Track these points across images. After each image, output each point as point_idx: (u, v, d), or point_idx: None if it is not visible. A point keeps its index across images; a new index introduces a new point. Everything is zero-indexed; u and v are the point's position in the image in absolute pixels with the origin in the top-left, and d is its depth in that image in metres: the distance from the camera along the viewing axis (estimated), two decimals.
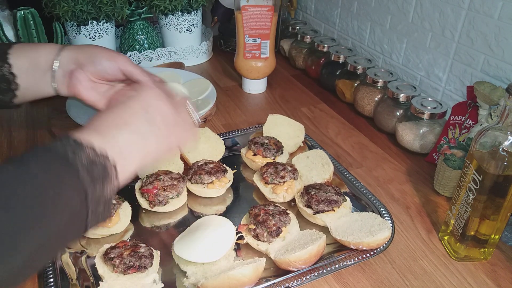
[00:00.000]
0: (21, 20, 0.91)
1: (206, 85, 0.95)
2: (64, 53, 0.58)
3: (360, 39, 1.07)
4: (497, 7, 0.72)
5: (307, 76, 1.12)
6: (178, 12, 1.07)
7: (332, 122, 0.91)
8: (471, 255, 0.58)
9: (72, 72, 0.58)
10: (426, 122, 0.78)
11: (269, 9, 0.92)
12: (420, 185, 0.73)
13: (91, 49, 0.59)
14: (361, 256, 0.57)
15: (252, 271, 0.51)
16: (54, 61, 0.58)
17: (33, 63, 0.58)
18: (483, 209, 0.54)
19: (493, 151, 0.52)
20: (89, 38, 1.01)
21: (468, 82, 0.80)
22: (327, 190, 0.63)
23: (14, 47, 0.58)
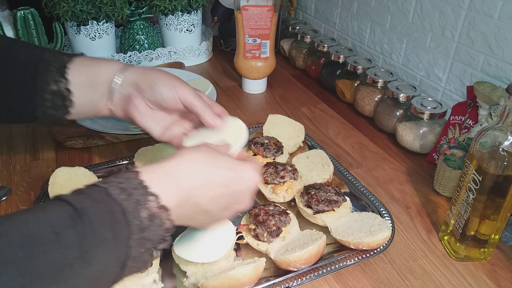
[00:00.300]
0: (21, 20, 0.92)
1: (206, 85, 0.95)
2: (125, 75, 0.54)
3: (360, 39, 1.07)
4: (497, 7, 0.72)
5: (307, 76, 1.12)
6: (178, 12, 1.07)
7: (332, 122, 0.91)
8: (471, 255, 0.58)
9: (130, 97, 0.55)
10: (426, 122, 0.78)
11: (269, 9, 0.92)
12: (420, 185, 0.73)
13: (152, 74, 0.55)
14: (361, 256, 0.57)
15: (252, 271, 0.51)
16: (113, 82, 0.54)
17: (92, 82, 0.54)
18: (483, 209, 0.54)
19: (493, 151, 0.52)
20: (89, 38, 1.01)
21: (468, 82, 0.80)
22: (327, 190, 0.63)
23: (74, 61, 0.54)
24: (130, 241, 0.37)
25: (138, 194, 0.38)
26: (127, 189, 0.38)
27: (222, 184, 0.45)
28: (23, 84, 0.53)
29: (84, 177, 0.66)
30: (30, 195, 0.67)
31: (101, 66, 0.55)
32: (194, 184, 0.43)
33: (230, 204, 0.46)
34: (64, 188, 0.63)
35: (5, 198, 0.66)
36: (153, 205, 0.38)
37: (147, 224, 0.38)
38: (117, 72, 0.54)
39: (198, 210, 0.44)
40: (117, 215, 0.36)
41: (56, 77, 0.53)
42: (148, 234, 0.38)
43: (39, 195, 0.66)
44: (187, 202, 0.42)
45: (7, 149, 0.78)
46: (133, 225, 0.37)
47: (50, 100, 0.54)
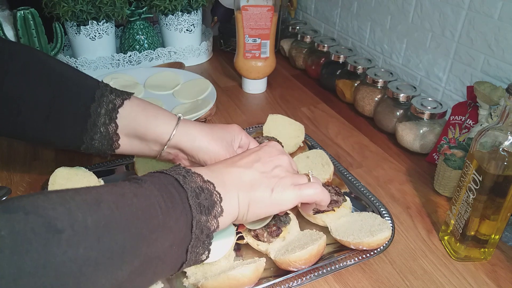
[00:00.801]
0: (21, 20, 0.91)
1: (206, 85, 0.95)
2: (171, 140, 0.55)
3: (360, 39, 1.07)
4: (497, 7, 0.72)
5: (307, 76, 1.12)
6: (178, 12, 1.07)
7: (332, 122, 0.91)
8: (471, 255, 0.58)
9: (175, 158, 0.59)
10: (426, 122, 0.78)
11: (269, 9, 0.92)
12: (420, 185, 0.73)
13: (198, 140, 0.55)
14: (361, 256, 0.57)
15: (252, 271, 0.50)
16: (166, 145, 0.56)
17: (139, 136, 0.56)
18: (483, 209, 0.54)
19: (493, 151, 0.52)
20: (89, 38, 1.01)
21: (468, 82, 0.80)
22: (327, 190, 0.63)
23: (125, 105, 0.55)
24: (190, 201, 0.40)
25: (183, 172, 0.43)
26: (174, 169, 0.44)
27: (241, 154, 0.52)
28: (73, 121, 0.54)
29: (84, 177, 0.66)
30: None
31: (151, 123, 0.55)
32: (221, 165, 0.49)
33: (266, 164, 0.49)
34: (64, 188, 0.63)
35: (5, 198, 0.66)
36: (198, 180, 0.43)
37: (198, 191, 0.42)
38: (165, 136, 0.55)
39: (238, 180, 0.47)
40: (172, 181, 0.41)
41: (107, 120, 0.54)
42: (202, 201, 0.42)
43: None
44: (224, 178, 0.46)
45: (7, 149, 0.78)
46: (188, 189, 0.41)
47: (98, 140, 0.55)
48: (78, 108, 0.54)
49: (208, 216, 0.42)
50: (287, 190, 0.49)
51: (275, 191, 0.48)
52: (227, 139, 0.57)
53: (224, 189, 0.45)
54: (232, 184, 0.46)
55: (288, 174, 0.50)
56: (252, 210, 0.47)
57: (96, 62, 1.04)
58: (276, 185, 0.48)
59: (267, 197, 0.48)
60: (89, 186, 0.37)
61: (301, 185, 0.50)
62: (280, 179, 0.49)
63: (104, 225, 0.33)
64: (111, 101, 0.54)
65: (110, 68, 1.06)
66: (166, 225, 0.38)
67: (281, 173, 0.50)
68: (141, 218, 0.36)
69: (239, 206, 0.46)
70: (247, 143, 0.60)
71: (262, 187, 0.48)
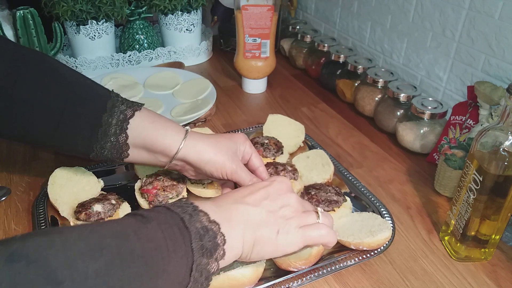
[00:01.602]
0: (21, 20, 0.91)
1: (206, 85, 0.95)
2: (179, 153, 0.56)
3: (360, 39, 1.07)
4: (498, 6, 0.72)
5: (307, 76, 1.12)
6: (178, 12, 1.07)
7: (332, 122, 0.91)
8: (472, 256, 0.58)
9: (181, 169, 0.60)
10: (426, 122, 0.78)
11: (269, 9, 0.92)
12: (421, 185, 0.73)
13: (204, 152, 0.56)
14: (362, 256, 0.57)
15: (252, 272, 0.50)
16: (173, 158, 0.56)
17: (148, 148, 0.56)
18: (483, 209, 0.54)
19: (493, 151, 0.51)
20: (89, 38, 1.01)
21: (469, 82, 0.80)
22: (328, 190, 0.63)
23: (136, 116, 0.55)
24: (192, 245, 0.40)
25: (190, 210, 0.43)
26: (181, 206, 0.43)
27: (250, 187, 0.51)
28: (83, 129, 0.54)
29: (83, 177, 0.66)
30: (30, 195, 0.67)
31: (160, 136, 0.56)
32: (229, 200, 0.49)
33: (274, 202, 0.49)
34: (63, 188, 0.63)
35: (4, 198, 0.66)
36: (204, 219, 0.43)
37: (202, 233, 0.42)
38: (173, 149, 0.56)
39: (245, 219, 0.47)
40: (178, 221, 0.41)
41: (117, 130, 0.54)
42: (205, 243, 0.41)
43: (38, 195, 0.65)
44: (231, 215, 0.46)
45: (7, 149, 0.78)
46: (192, 231, 0.41)
47: (108, 149, 0.55)
48: (90, 117, 0.54)
49: (209, 259, 0.42)
50: (292, 233, 0.48)
51: (281, 232, 0.48)
52: (232, 149, 0.58)
53: (230, 228, 0.45)
54: (238, 222, 0.46)
55: (295, 214, 0.50)
56: (257, 250, 0.47)
57: (96, 62, 1.04)
58: (282, 227, 0.48)
59: (273, 239, 0.47)
60: (94, 226, 0.38)
61: (306, 227, 0.49)
62: (286, 220, 0.48)
63: (105, 273, 0.34)
64: (122, 112, 0.55)
65: (109, 67, 1.06)
66: (166, 271, 0.38)
67: (288, 213, 0.49)
68: (142, 264, 0.37)
69: (244, 245, 0.46)
70: (250, 154, 0.61)
71: (268, 227, 0.47)
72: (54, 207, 0.61)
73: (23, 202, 0.66)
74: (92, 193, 0.64)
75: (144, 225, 0.39)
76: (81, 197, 0.62)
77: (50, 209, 0.62)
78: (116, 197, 0.62)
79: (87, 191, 0.64)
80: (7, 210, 0.64)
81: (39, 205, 0.63)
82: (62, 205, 0.61)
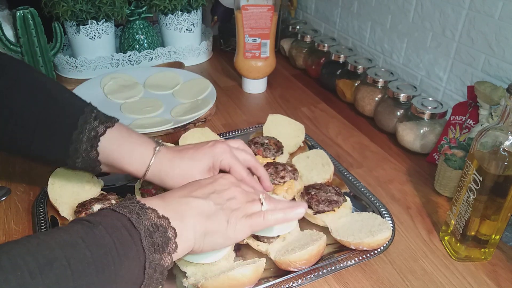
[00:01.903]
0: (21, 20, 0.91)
1: (206, 85, 0.95)
2: (148, 173, 0.57)
3: (360, 39, 1.07)
4: (498, 6, 0.72)
5: (307, 76, 1.12)
6: (178, 12, 1.07)
7: (332, 122, 0.91)
8: (472, 256, 0.58)
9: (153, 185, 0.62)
10: (426, 122, 0.78)
11: (269, 9, 0.92)
12: (421, 185, 0.73)
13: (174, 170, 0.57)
14: (362, 256, 0.57)
15: (252, 272, 0.50)
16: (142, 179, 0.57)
17: (118, 168, 0.57)
18: (483, 209, 0.54)
19: (493, 151, 0.51)
20: (89, 38, 1.01)
21: (469, 82, 0.80)
22: (327, 190, 0.63)
23: (107, 134, 0.55)
24: (143, 243, 0.40)
25: (137, 209, 0.43)
26: (127, 206, 0.43)
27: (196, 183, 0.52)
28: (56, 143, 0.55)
29: (83, 177, 0.66)
30: (30, 195, 0.67)
31: (125, 160, 0.56)
32: (177, 195, 0.49)
33: (220, 195, 0.50)
34: (63, 188, 0.63)
35: (4, 198, 0.66)
36: (152, 216, 0.43)
37: (152, 230, 0.42)
38: (139, 173, 0.57)
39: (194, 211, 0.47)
40: (125, 222, 0.41)
41: (88, 147, 0.55)
42: (156, 239, 0.42)
43: (38, 195, 0.65)
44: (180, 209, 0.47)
45: None
46: (141, 230, 0.41)
47: (80, 163, 0.56)
48: (62, 132, 0.54)
49: (162, 254, 0.42)
50: (240, 222, 0.50)
51: (230, 222, 0.49)
52: (205, 162, 0.58)
53: (181, 221, 0.45)
54: (188, 215, 0.46)
55: (241, 205, 0.51)
56: (208, 241, 0.48)
57: (96, 62, 1.04)
58: (230, 217, 0.49)
59: (223, 229, 0.49)
60: (41, 237, 0.37)
61: (252, 216, 0.51)
62: (233, 211, 0.50)
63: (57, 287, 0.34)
64: (94, 129, 0.55)
65: (109, 67, 1.06)
66: (119, 274, 0.38)
67: (235, 205, 0.51)
68: (93, 272, 0.36)
69: (195, 237, 0.47)
70: (229, 166, 0.58)
71: (217, 218, 0.48)
72: (54, 207, 0.61)
73: (23, 202, 0.66)
74: (92, 193, 0.64)
75: (91, 231, 0.39)
76: (81, 197, 0.63)
77: (50, 209, 0.62)
78: (116, 197, 0.62)
79: (87, 191, 0.64)
80: (7, 210, 0.64)
81: (39, 205, 0.63)
82: (62, 205, 0.61)
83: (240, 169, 0.59)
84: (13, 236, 0.60)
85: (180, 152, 0.58)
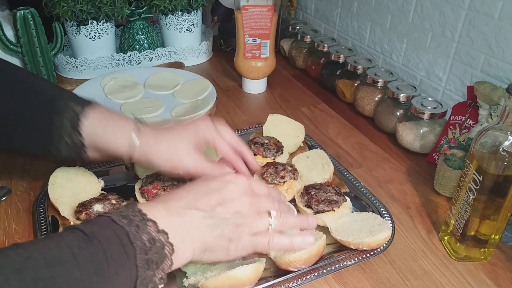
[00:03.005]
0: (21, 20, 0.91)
1: (206, 85, 0.95)
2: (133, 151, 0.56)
3: (360, 39, 1.07)
4: (497, 7, 0.72)
5: (307, 76, 1.12)
6: (178, 12, 1.07)
7: (332, 122, 0.91)
8: (471, 255, 0.58)
9: None
10: (426, 122, 0.78)
11: (269, 9, 0.92)
12: (420, 185, 0.73)
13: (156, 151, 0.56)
14: (361, 256, 0.57)
15: (252, 271, 0.50)
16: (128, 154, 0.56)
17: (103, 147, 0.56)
18: (483, 209, 0.54)
19: (493, 151, 0.52)
20: (89, 38, 1.01)
21: (468, 82, 0.80)
22: (327, 190, 0.63)
23: (87, 114, 0.55)
24: (137, 261, 0.39)
25: (137, 220, 0.41)
26: (128, 216, 0.41)
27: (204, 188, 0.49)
28: (39, 132, 0.55)
29: (84, 177, 0.66)
30: (30, 195, 0.67)
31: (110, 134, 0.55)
32: (181, 203, 0.46)
33: (227, 208, 0.47)
34: (64, 188, 0.63)
35: (5, 198, 0.66)
36: (152, 230, 0.41)
37: (149, 246, 0.40)
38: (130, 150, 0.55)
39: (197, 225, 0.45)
40: (122, 237, 0.39)
41: (71, 130, 0.54)
42: (152, 256, 0.40)
43: (39, 195, 0.66)
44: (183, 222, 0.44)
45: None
46: (137, 246, 0.39)
47: (65, 149, 0.55)
48: (43, 120, 0.54)
49: (155, 271, 0.40)
50: (243, 240, 0.48)
51: (232, 240, 0.47)
52: (191, 141, 0.57)
53: (180, 237, 0.43)
54: (189, 229, 0.45)
55: (247, 220, 0.48)
56: (208, 255, 0.47)
57: (96, 62, 1.04)
58: (233, 234, 0.47)
59: (224, 246, 0.47)
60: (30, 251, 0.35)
61: (257, 236, 0.49)
62: (238, 227, 0.47)
63: None
64: (73, 110, 0.54)
65: (110, 68, 1.06)
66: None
67: (241, 220, 0.48)
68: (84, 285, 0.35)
69: (194, 253, 0.45)
70: (214, 140, 0.58)
71: (220, 235, 0.46)
72: (55, 207, 0.61)
73: (24, 202, 0.66)
74: (92, 193, 0.64)
75: (85, 245, 0.37)
76: (81, 197, 0.63)
77: (51, 209, 0.62)
78: (117, 197, 0.62)
79: (87, 191, 0.64)
80: (8, 210, 0.64)
81: (39, 205, 0.63)
82: (62, 205, 0.61)
83: (226, 148, 0.58)
84: (13, 236, 0.60)
85: (164, 131, 0.57)
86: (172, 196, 0.47)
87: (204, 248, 0.46)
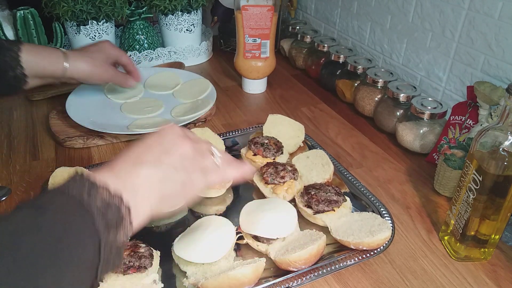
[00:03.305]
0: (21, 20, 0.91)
1: (206, 85, 0.95)
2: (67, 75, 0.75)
3: (360, 39, 1.07)
4: (497, 7, 0.72)
5: (307, 76, 1.12)
6: (178, 12, 1.07)
7: (332, 122, 0.91)
8: (471, 255, 0.58)
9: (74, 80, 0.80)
10: (426, 122, 0.78)
11: (269, 9, 0.92)
12: (420, 185, 0.73)
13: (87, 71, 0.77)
14: (361, 256, 0.57)
15: (252, 271, 0.50)
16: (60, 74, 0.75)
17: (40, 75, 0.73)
18: (483, 209, 0.54)
19: (493, 151, 0.52)
20: (89, 38, 1.01)
21: (468, 82, 0.80)
22: (327, 190, 0.63)
23: (24, 50, 0.69)
24: (96, 226, 0.38)
25: (88, 187, 0.40)
26: (77, 186, 0.40)
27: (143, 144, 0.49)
28: None
29: None
30: (30, 195, 0.67)
31: (46, 62, 0.72)
32: (127, 164, 0.46)
33: (172, 155, 0.47)
34: None
35: (4, 198, 0.66)
36: (104, 194, 0.40)
37: (104, 211, 0.39)
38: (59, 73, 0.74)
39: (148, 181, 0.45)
40: (75, 206, 0.39)
41: (13, 65, 0.68)
42: (109, 219, 0.39)
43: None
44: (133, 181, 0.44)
45: (7, 149, 0.78)
46: (93, 211, 0.39)
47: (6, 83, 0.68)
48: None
49: (116, 233, 0.40)
50: (196, 181, 0.48)
51: (186, 184, 0.47)
52: (104, 59, 0.80)
53: (134, 195, 0.43)
54: (141, 186, 0.44)
55: (194, 162, 0.49)
56: (165, 204, 0.47)
57: None
58: (186, 178, 0.47)
59: (179, 191, 0.47)
60: None
61: (208, 174, 0.50)
62: (188, 171, 0.48)
63: (4, 283, 0.32)
64: (11, 49, 0.68)
65: None
66: (72, 261, 0.36)
67: (189, 163, 0.48)
68: (44, 265, 0.34)
69: (151, 207, 0.45)
70: (117, 56, 0.83)
71: (172, 181, 0.46)
72: None
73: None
74: None
75: (40, 216, 0.36)
76: None
77: None
78: None
79: None
80: (8, 210, 0.64)
81: None
82: None
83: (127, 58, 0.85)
84: None
85: (85, 52, 0.79)
86: (116, 160, 0.47)
87: (159, 198, 0.46)
